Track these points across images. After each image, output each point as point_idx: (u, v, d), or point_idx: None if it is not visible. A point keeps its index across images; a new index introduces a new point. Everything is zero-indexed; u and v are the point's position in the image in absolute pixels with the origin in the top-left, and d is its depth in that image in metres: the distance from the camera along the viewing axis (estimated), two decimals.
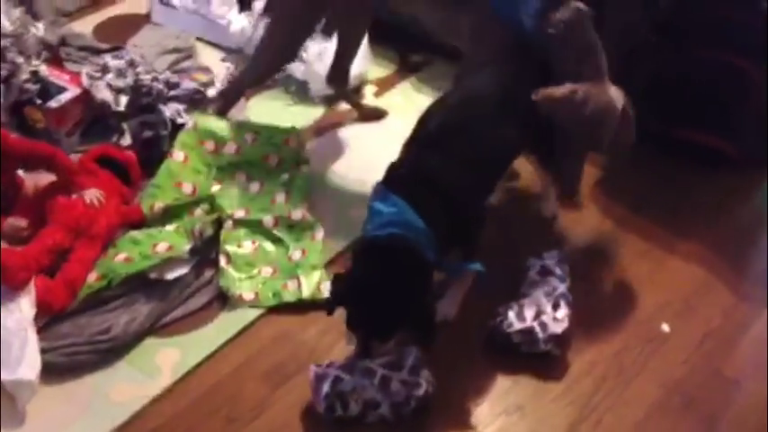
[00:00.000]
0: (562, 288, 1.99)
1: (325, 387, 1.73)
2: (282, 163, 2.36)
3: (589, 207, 2.37)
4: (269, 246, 2.19)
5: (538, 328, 1.91)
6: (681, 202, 2.43)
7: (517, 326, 1.91)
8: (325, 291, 2.04)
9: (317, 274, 2.10)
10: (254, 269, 2.12)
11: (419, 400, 1.76)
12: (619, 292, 2.14)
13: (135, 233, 2.10)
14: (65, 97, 2.41)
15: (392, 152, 2.52)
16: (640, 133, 2.45)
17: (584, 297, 2.05)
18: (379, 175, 2.42)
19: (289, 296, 2.05)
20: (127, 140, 2.45)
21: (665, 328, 2.04)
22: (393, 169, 1.88)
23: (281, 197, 2.28)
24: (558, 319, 1.93)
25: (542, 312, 1.93)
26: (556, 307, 1.95)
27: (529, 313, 1.92)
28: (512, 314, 1.93)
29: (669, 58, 2.51)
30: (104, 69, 2.58)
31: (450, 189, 1.81)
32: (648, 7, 2.52)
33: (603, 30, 2.02)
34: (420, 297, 1.73)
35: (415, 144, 1.92)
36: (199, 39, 3.08)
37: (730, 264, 2.23)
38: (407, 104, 2.78)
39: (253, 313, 2.02)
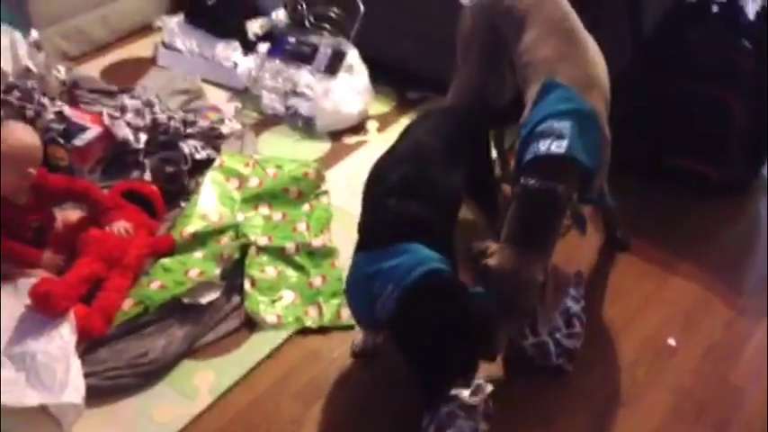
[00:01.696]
0: (576, 308, 2.10)
1: None
2: (303, 195, 2.48)
3: (591, 231, 2.49)
4: (291, 271, 2.29)
5: (551, 343, 2.01)
6: (674, 226, 2.58)
7: (531, 339, 2.01)
8: (345, 316, 2.14)
9: (336, 301, 2.19)
10: (277, 293, 2.21)
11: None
12: (625, 311, 2.26)
13: (166, 261, 2.19)
14: (88, 136, 2.51)
15: None
16: (628, 160, 2.63)
17: (593, 316, 2.18)
18: None
19: (310, 321, 2.15)
20: (147, 176, 2.54)
21: (672, 342, 2.16)
22: (373, 229, 1.85)
23: (302, 226, 2.39)
24: (570, 336, 2.04)
25: (556, 329, 2.04)
26: (569, 324, 2.07)
27: (542, 328, 2.02)
28: (526, 329, 2.02)
29: (657, 89, 2.69)
30: (122, 109, 2.69)
31: (436, 230, 1.82)
32: (635, 35, 2.71)
33: None
34: (477, 322, 1.71)
35: (384, 197, 1.86)
36: (204, 80, 3.20)
37: (726, 281, 2.37)
38: None
39: (281, 335, 2.11)
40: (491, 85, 2.42)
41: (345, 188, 2.68)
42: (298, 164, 2.56)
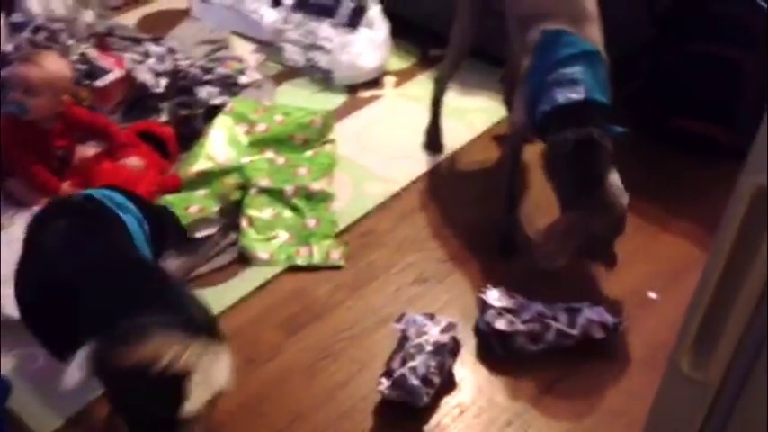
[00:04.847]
0: (553, 325, 1.99)
1: (415, 381, 1.80)
2: (308, 142, 2.57)
3: None
4: (287, 213, 2.40)
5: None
6: (676, 186, 2.57)
7: (492, 301, 2.03)
8: (335, 257, 2.27)
9: (327, 242, 2.31)
10: (272, 232, 2.33)
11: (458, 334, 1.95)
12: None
13: (169, 197, 2.32)
14: (110, 78, 2.65)
15: (408, 136, 2.71)
16: (640, 122, 2.63)
17: (578, 264, 2.22)
18: (390, 154, 2.62)
19: (300, 260, 2.27)
20: (163, 119, 2.68)
21: (653, 295, 2.19)
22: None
23: (302, 170, 2.49)
24: (511, 322, 1.99)
25: (511, 311, 2.01)
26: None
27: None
28: (496, 292, 2.05)
29: (668, 52, 2.67)
30: (146, 55, 2.83)
31: None
32: (650, 4, 2.69)
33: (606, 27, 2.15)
34: None
35: None
36: (233, 32, 3.30)
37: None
38: (424, 95, 2.95)
39: (271, 271, 2.23)
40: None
41: (355, 140, 2.76)
42: (305, 112, 2.65)
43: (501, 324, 1.99)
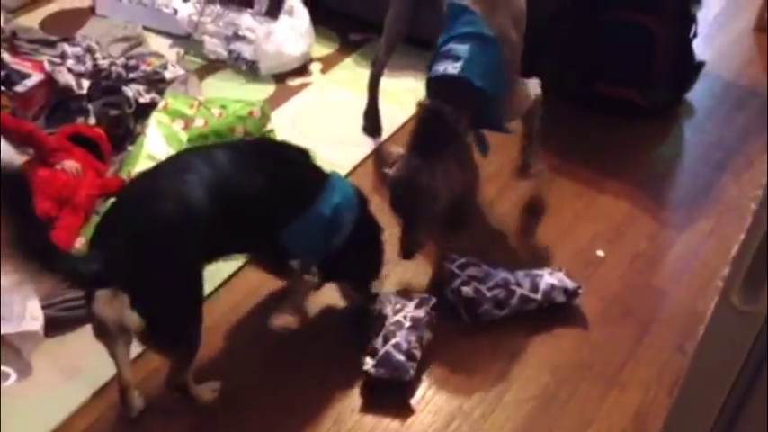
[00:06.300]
0: (518, 291, 2.07)
1: (400, 357, 1.84)
2: (249, 134, 2.54)
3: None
4: None
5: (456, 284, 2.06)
6: (603, 149, 2.72)
7: (459, 270, 2.12)
8: None
9: None
10: None
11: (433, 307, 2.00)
12: (558, 227, 2.40)
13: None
14: (30, 82, 2.52)
15: (344, 121, 2.74)
16: (562, 90, 2.76)
17: (530, 232, 2.31)
18: (331, 140, 2.64)
19: None
20: (91, 120, 2.57)
21: (600, 253, 2.32)
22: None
23: None
24: (478, 290, 2.06)
25: (477, 279, 2.08)
26: (492, 288, 2.07)
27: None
28: (462, 262, 2.13)
29: (584, 21, 2.81)
30: (63, 56, 2.70)
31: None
32: None
33: None
34: None
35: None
36: (145, 27, 3.20)
37: (652, 197, 2.53)
38: (351, 79, 3.00)
39: (234, 265, 2.19)
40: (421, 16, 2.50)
41: (291, 129, 2.76)
42: (242, 103, 2.61)
43: (468, 291, 2.05)
